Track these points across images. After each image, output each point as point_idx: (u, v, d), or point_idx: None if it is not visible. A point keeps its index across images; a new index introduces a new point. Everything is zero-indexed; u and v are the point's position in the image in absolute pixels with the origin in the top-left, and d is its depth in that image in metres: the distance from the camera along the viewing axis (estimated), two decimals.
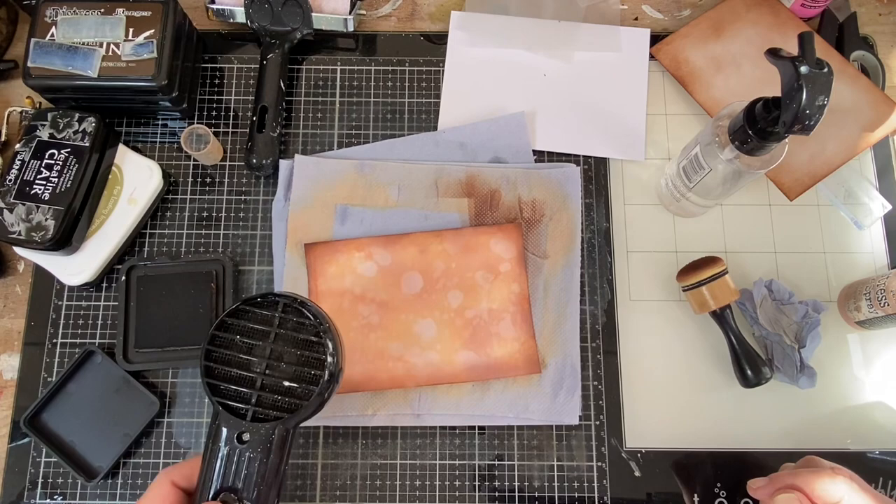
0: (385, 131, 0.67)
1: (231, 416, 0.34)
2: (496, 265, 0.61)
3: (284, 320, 0.35)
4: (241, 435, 0.34)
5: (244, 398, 0.34)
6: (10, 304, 0.63)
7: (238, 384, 0.35)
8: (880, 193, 0.65)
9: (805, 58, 0.45)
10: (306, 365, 0.34)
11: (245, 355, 0.35)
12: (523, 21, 0.70)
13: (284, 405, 0.34)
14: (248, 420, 0.34)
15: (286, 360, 0.35)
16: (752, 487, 0.51)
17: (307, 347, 0.35)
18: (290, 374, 0.34)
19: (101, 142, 0.60)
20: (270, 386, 0.34)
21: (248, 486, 0.34)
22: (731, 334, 0.59)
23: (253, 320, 0.35)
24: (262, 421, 0.34)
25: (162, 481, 0.36)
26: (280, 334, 0.35)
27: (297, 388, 0.34)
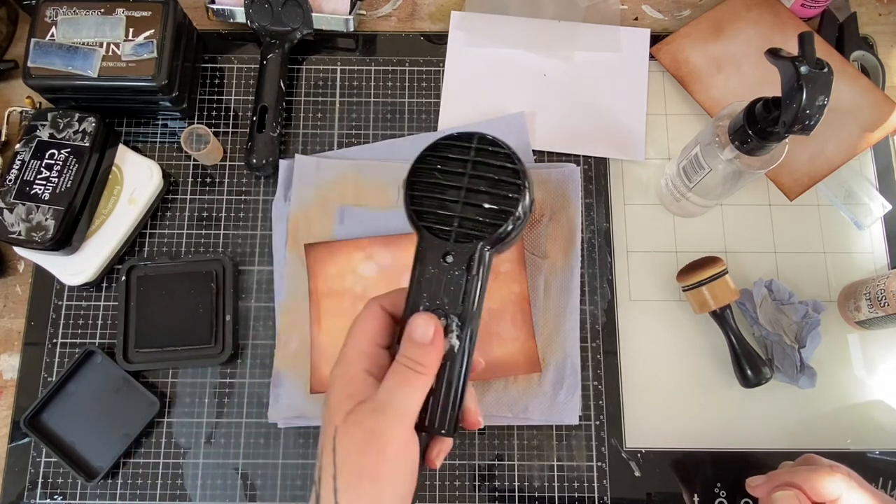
0: (385, 131, 0.67)
1: (436, 238, 0.36)
2: (496, 265, 0.61)
3: (480, 150, 0.37)
4: (445, 256, 0.36)
5: (447, 222, 0.36)
6: (10, 304, 0.63)
7: (442, 207, 0.36)
8: (880, 193, 0.65)
9: (805, 58, 0.45)
10: (503, 189, 0.36)
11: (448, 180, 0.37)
12: (523, 21, 0.70)
13: (484, 228, 0.36)
14: (453, 241, 0.36)
15: (485, 185, 0.36)
16: (750, 485, 0.51)
17: (503, 174, 0.36)
18: (489, 199, 0.36)
19: (101, 142, 0.60)
20: (471, 209, 0.36)
21: (454, 302, 0.36)
22: (731, 334, 0.59)
23: (451, 152, 0.37)
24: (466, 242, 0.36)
25: (371, 305, 0.37)
26: (477, 162, 0.37)
27: (495, 210, 0.36)
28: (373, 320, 0.37)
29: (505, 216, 0.36)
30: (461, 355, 0.36)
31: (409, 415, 0.34)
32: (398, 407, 0.34)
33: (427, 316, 0.35)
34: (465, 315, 0.36)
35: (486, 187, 0.36)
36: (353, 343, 0.36)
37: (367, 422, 0.33)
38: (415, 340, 0.34)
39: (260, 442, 0.59)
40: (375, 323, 0.37)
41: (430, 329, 0.34)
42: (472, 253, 0.36)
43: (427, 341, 0.34)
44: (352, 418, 0.34)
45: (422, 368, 0.34)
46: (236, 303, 0.62)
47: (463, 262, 0.36)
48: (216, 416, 0.60)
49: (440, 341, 0.35)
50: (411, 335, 0.35)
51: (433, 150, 0.37)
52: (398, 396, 0.34)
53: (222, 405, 0.60)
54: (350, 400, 0.34)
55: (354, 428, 0.33)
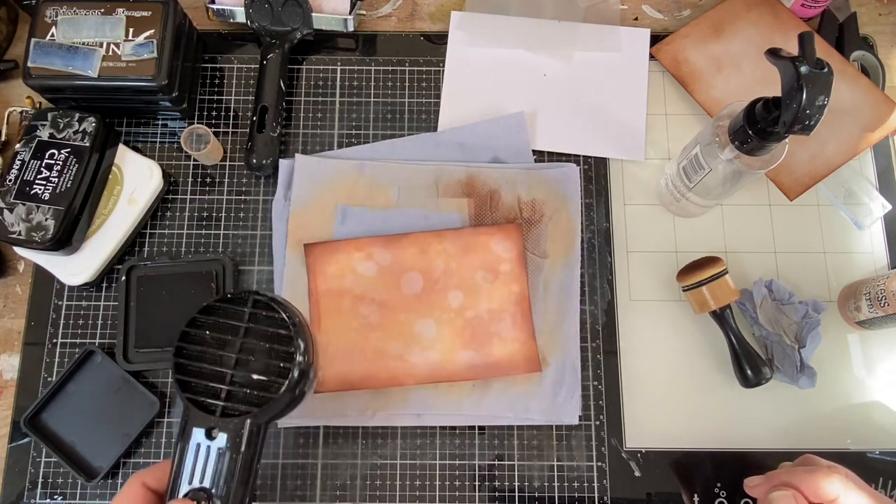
0: (385, 131, 0.67)
1: (201, 412, 0.34)
2: (496, 265, 0.61)
3: (255, 316, 0.35)
4: (210, 431, 0.34)
5: (215, 394, 0.34)
6: (10, 304, 0.63)
7: (208, 380, 0.35)
8: (880, 193, 0.65)
9: (805, 58, 0.45)
10: (277, 359, 0.34)
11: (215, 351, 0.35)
12: (523, 21, 0.70)
13: (255, 400, 0.34)
14: (218, 415, 0.34)
15: (256, 354, 0.34)
16: (748, 485, 0.51)
17: (277, 342, 0.35)
18: (260, 369, 0.34)
19: (101, 142, 0.60)
20: (240, 381, 0.34)
21: (219, 484, 0.33)
22: (731, 334, 0.59)
23: (223, 316, 0.35)
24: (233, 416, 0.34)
25: (133, 483, 0.35)
26: (250, 329, 0.35)
27: (266, 382, 0.34)
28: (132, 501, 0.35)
29: (277, 389, 0.34)
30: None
31: None
32: None
33: None
34: (229, 496, 0.34)
35: (258, 356, 0.34)
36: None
37: None
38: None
39: None
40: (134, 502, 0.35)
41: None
42: (241, 429, 0.34)
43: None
44: None
45: None
46: None
47: (229, 440, 0.34)
48: None
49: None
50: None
51: (206, 311, 0.35)
52: None
53: None
54: None
55: None
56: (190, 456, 0.34)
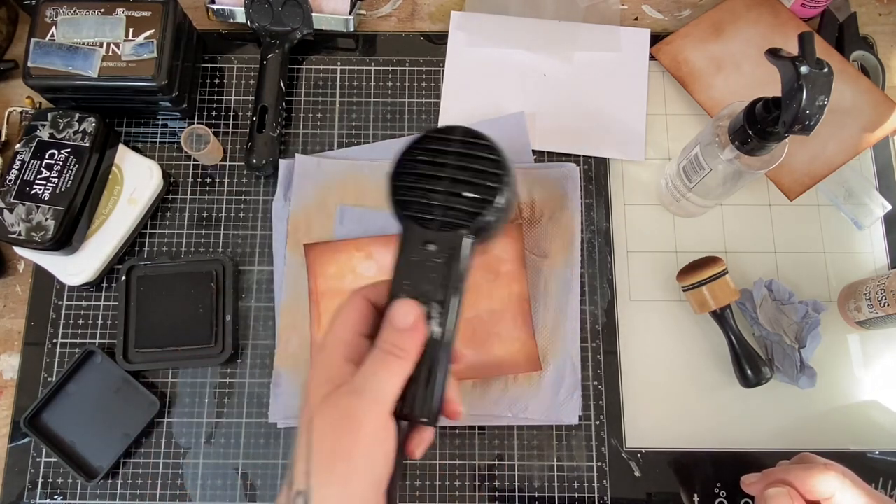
0: (385, 131, 0.67)
1: (418, 226, 0.36)
2: (496, 265, 0.61)
3: (463, 142, 0.37)
4: (427, 244, 0.36)
5: (429, 212, 0.37)
6: (10, 304, 0.63)
7: (424, 196, 0.37)
8: (880, 193, 0.65)
9: (805, 58, 0.45)
10: (485, 179, 0.37)
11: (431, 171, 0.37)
12: (523, 21, 0.70)
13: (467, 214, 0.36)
14: (435, 229, 0.36)
15: (467, 175, 0.37)
16: (745, 483, 0.52)
17: (485, 164, 0.37)
18: (471, 189, 0.37)
19: (101, 142, 0.60)
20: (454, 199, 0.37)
21: (436, 290, 0.36)
22: (731, 334, 0.59)
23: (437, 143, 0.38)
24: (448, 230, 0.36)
25: (354, 295, 0.37)
26: (460, 153, 0.37)
27: (477, 199, 0.36)
28: (355, 310, 0.37)
29: (487, 205, 0.36)
30: (442, 343, 0.36)
31: (385, 399, 0.34)
32: (374, 390, 0.33)
33: (408, 302, 0.35)
34: (446, 303, 0.36)
35: (469, 177, 0.36)
36: (335, 331, 0.36)
37: (342, 403, 0.33)
38: (395, 325, 0.34)
39: (260, 442, 0.59)
40: (357, 312, 0.36)
41: (411, 315, 0.34)
42: (455, 241, 0.36)
43: (407, 327, 0.34)
44: (328, 401, 0.33)
45: (401, 353, 0.34)
46: (236, 303, 0.62)
47: (445, 251, 0.36)
48: (216, 416, 0.60)
49: (421, 327, 0.35)
50: (392, 320, 0.35)
51: (418, 142, 0.38)
52: (375, 380, 0.34)
53: (222, 405, 0.60)
54: (328, 384, 0.34)
55: (330, 410, 0.33)
56: (407, 268, 0.36)
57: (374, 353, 0.34)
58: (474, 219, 0.36)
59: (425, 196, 0.37)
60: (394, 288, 0.36)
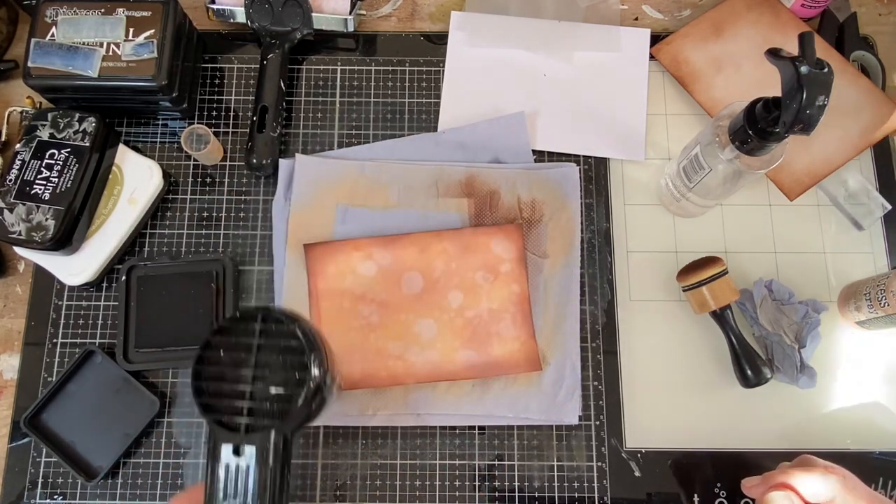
0: (385, 131, 0.67)
1: (226, 431, 0.35)
2: (496, 266, 0.61)
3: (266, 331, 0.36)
4: (238, 448, 0.35)
5: (237, 412, 0.35)
6: (10, 304, 0.63)
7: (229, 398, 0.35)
8: (880, 193, 0.65)
9: (805, 58, 0.45)
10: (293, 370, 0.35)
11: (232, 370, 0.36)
12: (523, 21, 0.70)
13: (277, 412, 0.35)
14: (243, 432, 0.35)
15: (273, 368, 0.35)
16: (745, 486, 0.51)
17: (291, 353, 0.35)
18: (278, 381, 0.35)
19: (101, 142, 0.60)
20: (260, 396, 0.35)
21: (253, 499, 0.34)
22: (731, 334, 0.59)
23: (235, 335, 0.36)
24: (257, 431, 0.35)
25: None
26: (263, 345, 0.36)
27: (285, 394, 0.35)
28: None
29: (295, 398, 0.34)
30: None
31: None
32: None
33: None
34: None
35: (273, 370, 0.35)
36: None
37: None
38: None
39: None
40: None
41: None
42: (267, 442, 0.34)
43: None
44: None
45: None
46: (236, 303, 0.62)
47: (258, 453, 0.35)
48: None
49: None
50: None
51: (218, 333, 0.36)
52: None
53: None
54: None
55: None
56: (221, 474, 0.35)
57: None
58: (284, 417, 0.34)
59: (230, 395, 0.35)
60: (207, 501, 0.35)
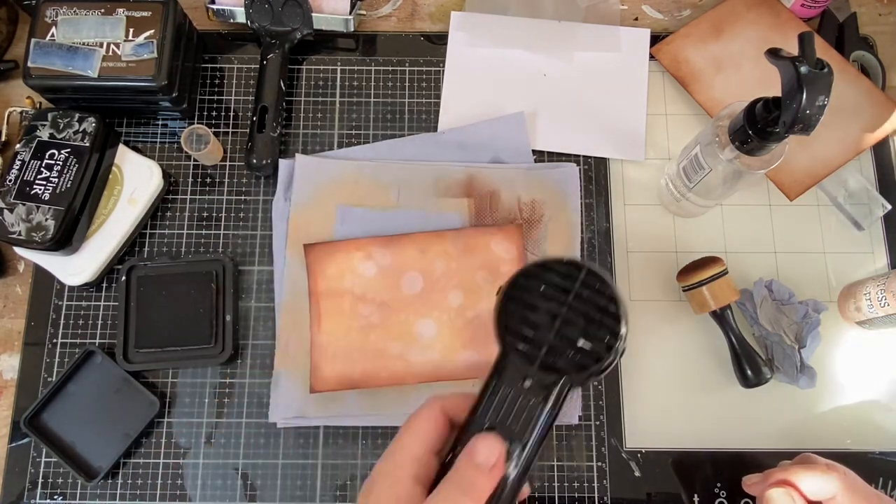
0: (385, 131, 0.67)
1: (520, 359, 0.35)
2: (497, 266, 0.61)
3: (586, 284, 0.36)
4: (525, 379, 0.35)
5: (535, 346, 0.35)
6: (10, 304, 0.63)
7: (533, 329, 0.35)
8: (880, 193, 0.65)
9: (805, 58, 0.45)
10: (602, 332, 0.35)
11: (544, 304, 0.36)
12: (523, 21, 0.70)
13: (574, 363, 0.35)
14: (537, 367, 0.35)
15: (583, 321, 0.35)
16: (746, 483, 0.51)
17: (605, 314, 0.35)
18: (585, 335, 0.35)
19: (101, 142, 0.60)
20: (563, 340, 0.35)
21: (522, 430, 0.34)
22: (731, 334, 0.59)
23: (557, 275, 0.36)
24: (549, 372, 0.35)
25: (432, 406, 0.35)
26: (580, 295, 0.35)
27: (587, 350, 0.34)
28: (431, 423, 0.35)
29: (597, 359, 0.34)
30: (514, 484, 0.34)
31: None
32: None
33: (494, 439, 0.33)
34: (529, 444, 0.34)
35: (584, 324, 0.35)
36: (406, 444, 0.34)
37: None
38: (475, 462, 0.33)
39: (260, 442, 0.59)
40: (433, 426, 0.35)
41: (495, 453, 0.33)
42: (554, 385, 0.34)
43: (488, 466, 0.32)
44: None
45: (475, 493, 0.32)
46: (236, 303, 0.62)
47: (541, 391, 0.35)
48: (216, 416, 0.60)
49: (500, 468, 0.33)
50: (474, 454, 0.33)
51: (540, 266, 0.36)
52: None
53: (222, 405, 0.60)
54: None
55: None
56: (498, 399, 0.35)
57: (447, 488, 0.32)
58: (581, 370, 0.34)
59: (535, 330, 0.35)
60: (479, 414, 0.35)
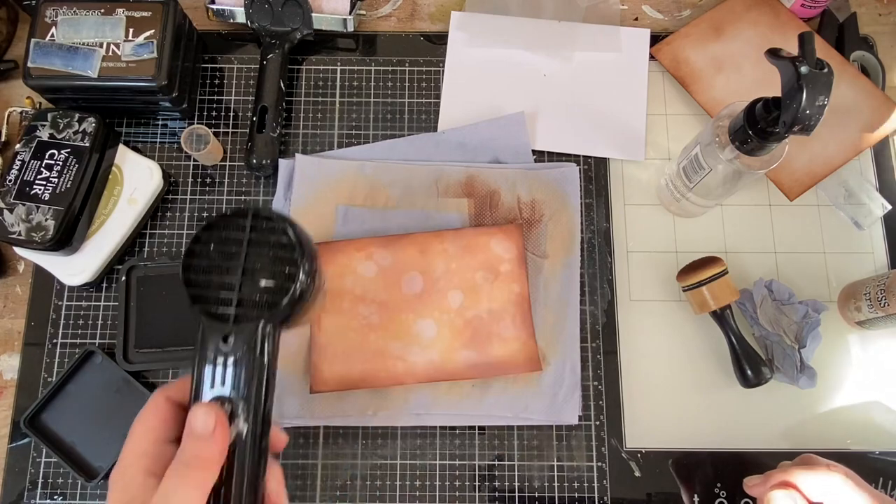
0: (385, 131, 0.67)
1: (215, 321, 0.35)
2: (496, 266, 0.61)
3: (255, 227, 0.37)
4: (226, 338, 0.35)
5: (226, 303, 0.36)
6: (10, 304, 0.63)
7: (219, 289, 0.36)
8: (880, 193, 0.65)
9: (805, 58, 0.45)
10: (282, 265, 0.36)
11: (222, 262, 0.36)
12: (523, 21, 0.70)
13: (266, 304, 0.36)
14: (231, 322, 0.35)
15: (263, 262, 0.36)
16: (747, 485, 0.51)
17: (280, 249, 0.36)
18: (268, 275, 0.36)
19: (101, 142, 0.60)
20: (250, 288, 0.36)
21: (239, 388, 0.35)
22: (731, 334, 0.59)
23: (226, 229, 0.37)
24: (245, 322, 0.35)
25: (156, 397, 0.36)
26: (253, 240, 0.36)
27: (275, 286, 0.35)
28: (154, 414, 0.35)
29: (284, 293, 0.35)
30: (251, 440, 0.34)
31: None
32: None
33: (206, 406, 0.33)
34: (251, 398, 0.34)
35: (263, 265, 0.36)
36: (133, 442, 0.34)
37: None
38: (195, 434, 0.32)
39: None
40: (158, 417, 0.35)
41: (211, 419, 0.32)
42: (254, 333, 0.35)
43: (208, 433, 0.32)
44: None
45: (202, 463, 0.32)
46: None
47: (245, 344, 0.35)
48: None
49: (223, 431, 0.33)
50: (191, 427, 0.33)
51: (207, 229, 0.37)
52: (175, 499, 0.31)
53: None
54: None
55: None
56: (208, 366, 0.35)
57: (173, 467, 0.32)
58: (272, 309, 0.35)
59: (219, 289, 0.36)
60: (195, 388, 0.35)
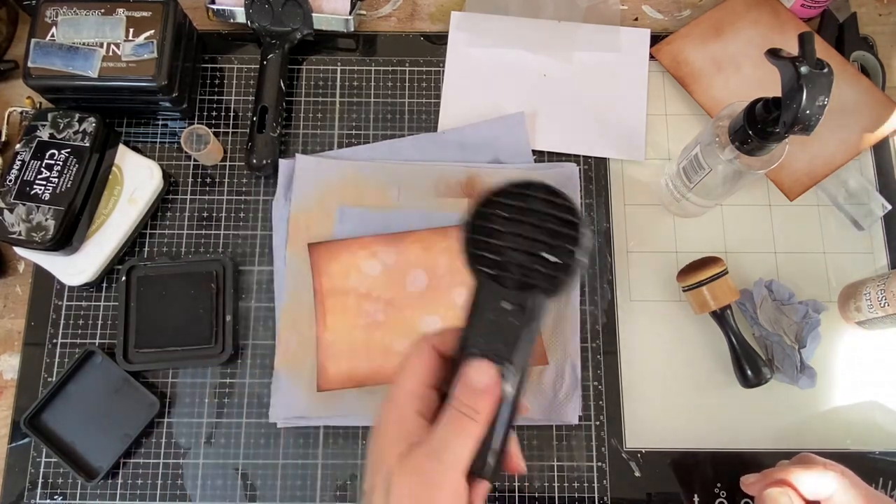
0: (385, 131, 0.67)
1: (494, 283, 0.36)
2: None
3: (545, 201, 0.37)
4: (502, 301, 0.36)
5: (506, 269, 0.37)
6: (10, 304, 0.63)
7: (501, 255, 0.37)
8: (880, 193, 0.65)
9: (805, 58, 0.45)
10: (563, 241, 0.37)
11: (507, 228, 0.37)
12: (523, 21, 0.70)
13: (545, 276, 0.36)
14: (512, 288, 0.36)
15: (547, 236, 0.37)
16: (744, 483, 0.52)
17: (566, 226, 0.37)
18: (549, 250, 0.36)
19: (101, 142, 0.60)
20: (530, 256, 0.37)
21: (510, 349, 0.36)
22: (731, 334, 0.59)
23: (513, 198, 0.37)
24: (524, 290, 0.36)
25: (422, 344, 0.37)
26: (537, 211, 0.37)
27: (554, 262, 0.36)
28: (423, 361, 0.36)
29: (565, 269, 0.36)
30: (511, 402, 0.35)
31: (462, 463, 0.33)
32: (453, 455, 0.33)
33: (486, 363, 0.35)
34: (518, 362, 0.36)
35: (548, 238, 0.36)
36: (405, 384, 0.36)
37: (423, 468, 0.33)
38: (472, 386, 0.34)
39: (260, 442, 0.59)
40: (426, 363, 0.36)
41: (489, 376, 0.34)
42: (531, 302, 0.36)
43: (484, 388, 0.34)
44: (407, 463, 0.33)
45: (477, 416, 0.34)
46: (236, 303, 0.62)
47: (520, 310, 0.36)
48: (216, 416, 0.60)
49: (497, 389, 0.34)
50: (468, 380, 0.34)
51: (496, 194, 0.37)
52: (454, 444, 0.33)
53: (222, 405, 0.60)
54: (402, 441, 0.34)
55: (410, 475, 0.33)
56: (483, 325, 0.36)
57: (449, 414, 0.34)
58: (552, 281, 0.36)
59: (503, 254, 0.36)
60: (466, 344, 0.36)
